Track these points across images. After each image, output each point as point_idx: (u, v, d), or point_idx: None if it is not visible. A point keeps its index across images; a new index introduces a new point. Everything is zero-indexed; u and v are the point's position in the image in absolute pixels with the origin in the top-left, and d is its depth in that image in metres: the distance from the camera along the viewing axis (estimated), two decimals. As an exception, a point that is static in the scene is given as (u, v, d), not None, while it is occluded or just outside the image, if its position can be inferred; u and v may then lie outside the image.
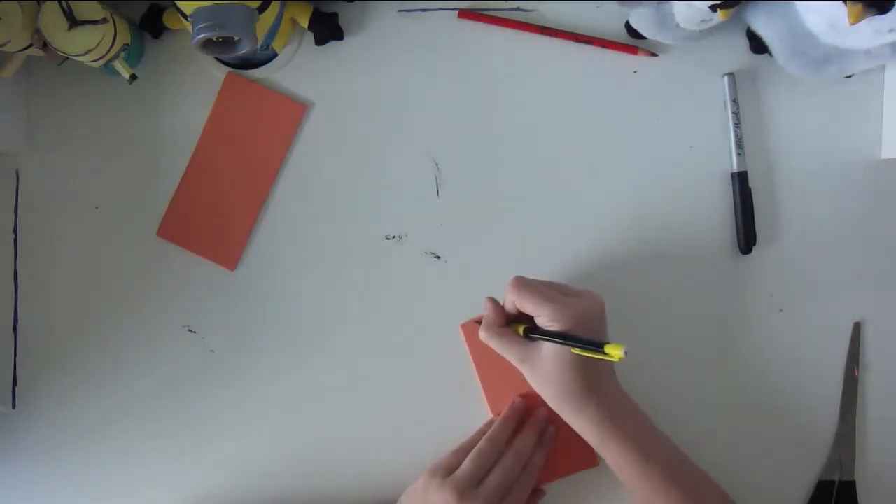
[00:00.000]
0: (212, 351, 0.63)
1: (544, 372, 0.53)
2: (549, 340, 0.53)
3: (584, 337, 0.52)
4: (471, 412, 0.61)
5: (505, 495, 0.55)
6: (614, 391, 0.55)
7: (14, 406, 0.63)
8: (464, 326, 0.61)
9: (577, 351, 0.51)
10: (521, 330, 0.55)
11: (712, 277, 0.62)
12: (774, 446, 0.61)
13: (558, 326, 0.52)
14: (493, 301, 0.57)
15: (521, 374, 0.60)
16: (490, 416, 0.61)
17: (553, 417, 0.59)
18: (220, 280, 0.63)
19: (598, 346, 0.49)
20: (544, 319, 0.53)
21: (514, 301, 0.55)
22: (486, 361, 0.61)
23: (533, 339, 0.54)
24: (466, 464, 0.55)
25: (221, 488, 0.62)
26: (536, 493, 0.59)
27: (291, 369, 0.62)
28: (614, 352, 0.48)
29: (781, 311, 0.61)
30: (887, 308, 0.61)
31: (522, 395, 0.60)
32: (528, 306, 0.54)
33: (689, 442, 0.56)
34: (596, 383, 0.53)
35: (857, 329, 0.61)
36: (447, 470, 0.55)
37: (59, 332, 0.63)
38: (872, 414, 0.61)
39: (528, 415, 0.60)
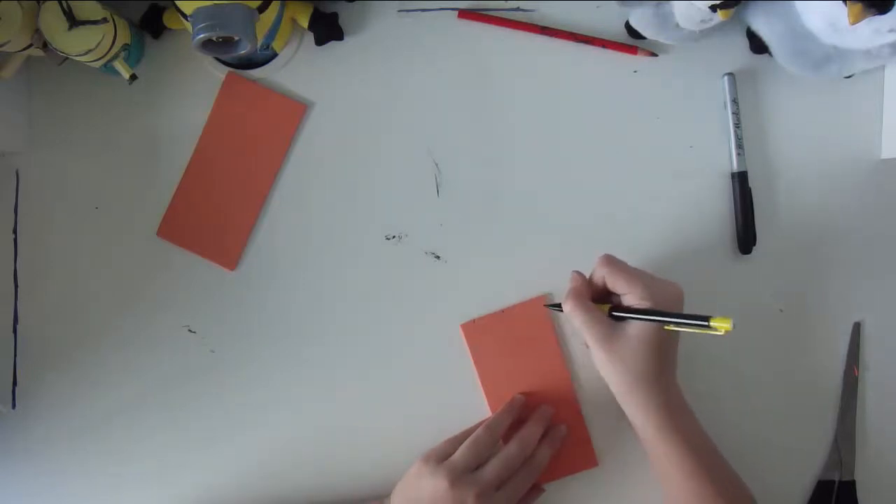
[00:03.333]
0: (212, 351, 0.63)
1: (624, 352, 0.52)
2: (641, 319, 0.52)
3: (681, 312, 0.51)
4: (471, 412, 0.61)
5: (502, 485, 0.54)
6: (674, 383, 0.55)
7: (14, 406, 0.63)
8: (464, 326, 0.61)
9: (671, 328, 0.51)
10: (605, 308, 0.54)
11: (712, 277, 0.62)
12: (774, 446, 0.61)
13: (649, 305, 0.52)
14: (580, 274, 0.56)
15: (521, 375, 0.60)
16: (490, 415, 0.61)
17: (555, 418, 0.59)
18: (220, 280, 0.63)
19: (703, 320, 0.47)
20: (634, 297, 0.52)
21: (605, 276, 0.54)
22: (486, 361, 0.61)
23: (620, 319, 0.53)
24: (461, 450, 0.55)
25: (222, 487, 0.62)
26: (535, 489, 0.59)
27: (291, 369, 0.62)
28: (723, 324, 0.46)
29: (781, 311, 0.61)
30: (887, 308, 0.61)
31: (523, 394, 0.60)
32: (621, 282, 0.53)
33: (689, 442, 0.56)
34: (667, 370, 0.53)
35: (857, 329, 0.61)
36: (441, 457, 0.55)
37: (59, 332, 0.63)
38: (872, 414, 0.61)
39: (528, 410, 0.60)
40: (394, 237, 0.63)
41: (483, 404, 0.61)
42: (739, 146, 0.61)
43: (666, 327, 0.51)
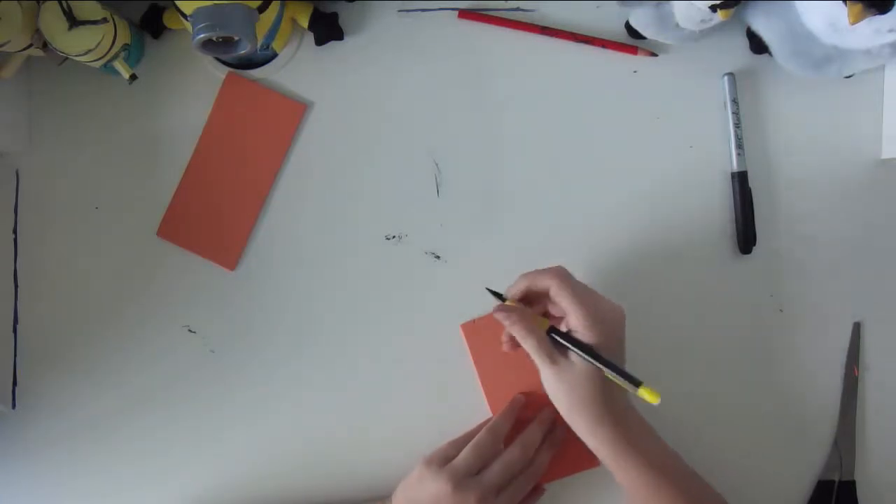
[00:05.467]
0: (212, 351, 0.63)
1: (569, 382, 0.51)
2: (577, 353, 0.51)
3: (619, 366, 0.51)
4: (471, 412, 0.61)
5: (503, 488, 0.54)
6: (627, 408, 0.54)
7: (14, 406, 0.63)
8: (464, 326, 0.61)
9: (610, 376, 0.51)
10: (544, 324, 0.54)
11: (712, 277, 0.62)
12: (774, 446, 0.61)
13: (589, 336, 0.51)
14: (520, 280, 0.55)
15: (520, 375, 0.60)
16: (490, 415, 0.61)
17: (559, 420, 0.59)
18: (220, 280, 0.63)
19: (634, 383, 0.49)
20: (578, 321, 0.51)
21: (552, 288, 0.52)
22: (486, 361, 0.61)
23: (557, 342, 0.53)
24: (465, 453, 0.55)
25: (222, 487, 0.62)
26: (536, 490, 0.59)
27: (291, 369, 0.62)
28: (649, 396, 0.49)
29: (781, 311, 0.61)
30: (887, 308, 0.61)
31: (523, 394, 0.60)
32: (566, 301, 0.52)
33: (690, 442, 0.56)
34: (613, 400, 0.52)
35: (857, 329, 0.61)
36: (443, 460, 0.55)
37: (59, 332, 0.63)
38: (872, 414, 0.61)
39: (530, 410, 0.59)
40: (394, 237, 0.63)
41: (483, 404, 0.61)
42: (739, 146, 0.61)
43: (605, 374, 0.51)
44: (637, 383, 0.49)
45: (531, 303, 0.56)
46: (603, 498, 0.60)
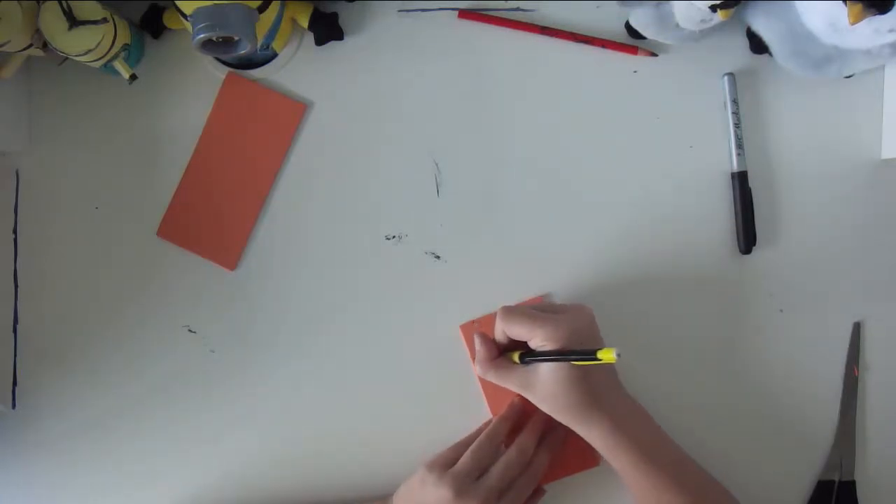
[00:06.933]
0: (212, 351, 0.63)
1: (545, 392, 0.53)
2: (543, 360, 0.53)
3: (576, 349, 0.52)
4: (470, 412, 0.61)
5: (505, 492, 0.55)
6: (620, 400, 0.55)
7: (14, 406, 0.63)
8: (463, 327, 0.61)
9: (576, 363, 0.52)
10: (516, 357, 0.55)
11: (712, 277, 0.61)
12: (774, 446, 0.61)
13: (553, 345, 0.52)
14: (482, 335, 0.58)
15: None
16: (490, 416, 0.61)
17: (553, 421, 0.59)
18: (220, 280, 0.63)
19: (591, 354, 0.49)
20: (538, 341, 0.53)
21: (505, 330, 0.55)
22: (485, 361, 0.61)
23: (528, 363, 0.55)
24: (465, 459, 0.55)
25: (222, 487, 0.62)
26: (537, 492, 0.59)
27: (291, 369, 0.62)
28: (606, 355, 0.48)
29: (781, 311, 0.61)
30: (887, 308, 0.61)
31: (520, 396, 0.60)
32: (520, 332, 0.54)
33: (689, 442, 0.56)
34: (599, 395, 0.53)
35: (857, 329, 0.61)
36: (445, 465, 0.55)
37: (59, 333, 0.63)
38: (872, 414, 0.61)
39: (527, 414, 0.60)
40: (394, 237, 0.63)
41: (482, 404, 0.61)
42: (739, 146, 0.61)
43: (572, 363, 0.52)
44: (592, 352, 0.49)
45: (517, 345, 0.57)
46: (603, 498, 0.60)
